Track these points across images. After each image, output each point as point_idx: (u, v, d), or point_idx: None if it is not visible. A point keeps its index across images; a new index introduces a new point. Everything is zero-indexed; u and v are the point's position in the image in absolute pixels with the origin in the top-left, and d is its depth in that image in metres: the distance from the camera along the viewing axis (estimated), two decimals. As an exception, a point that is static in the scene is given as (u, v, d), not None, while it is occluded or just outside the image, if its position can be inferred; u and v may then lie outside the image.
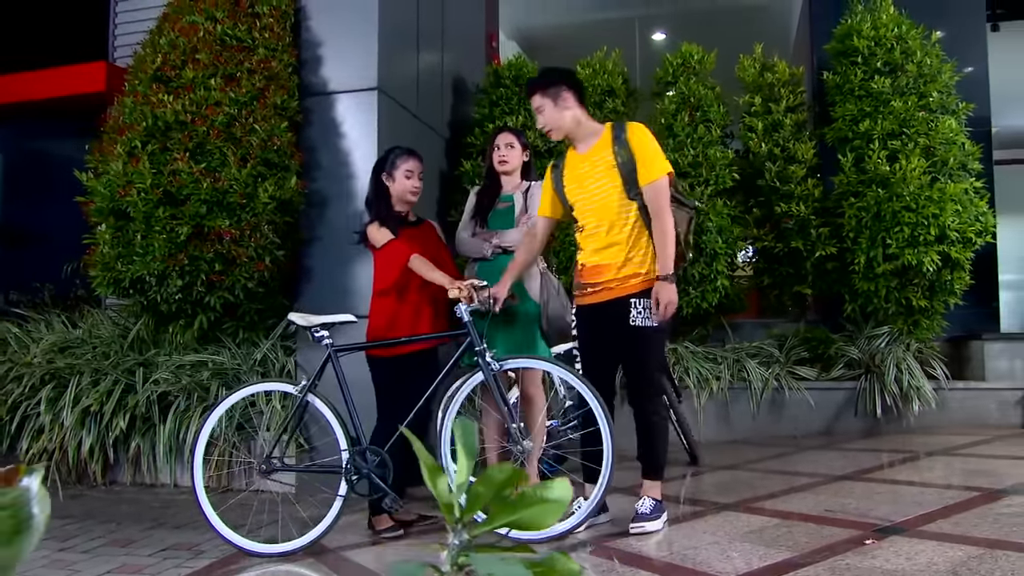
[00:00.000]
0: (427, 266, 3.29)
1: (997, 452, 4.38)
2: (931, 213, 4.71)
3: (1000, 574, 2.29)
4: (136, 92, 4.21)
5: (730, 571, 2.49)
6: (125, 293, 4.26)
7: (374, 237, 3.44)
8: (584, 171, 3.22)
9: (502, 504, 0.70)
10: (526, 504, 0.70)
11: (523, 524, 0.71)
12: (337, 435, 3.18)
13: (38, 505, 0.74)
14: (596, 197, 3.19)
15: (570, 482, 0.69)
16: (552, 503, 0.69)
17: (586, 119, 3.26)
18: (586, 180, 3.21)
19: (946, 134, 4.85)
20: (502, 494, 0.69)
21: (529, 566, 0.65)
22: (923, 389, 4.94)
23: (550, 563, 0.67)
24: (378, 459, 3.16)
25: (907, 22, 5.12)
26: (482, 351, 3.11)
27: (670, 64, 5.41)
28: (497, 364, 3.11)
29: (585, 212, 3.23)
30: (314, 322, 3.28)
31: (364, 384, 3.44)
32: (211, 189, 3.90)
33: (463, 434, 0.72)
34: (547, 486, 0.73)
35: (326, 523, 3.08)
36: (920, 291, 4.97)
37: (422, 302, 3.42)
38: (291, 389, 3.29)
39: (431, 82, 5.21)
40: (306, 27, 4.56)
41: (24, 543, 0.71)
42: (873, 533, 2.81)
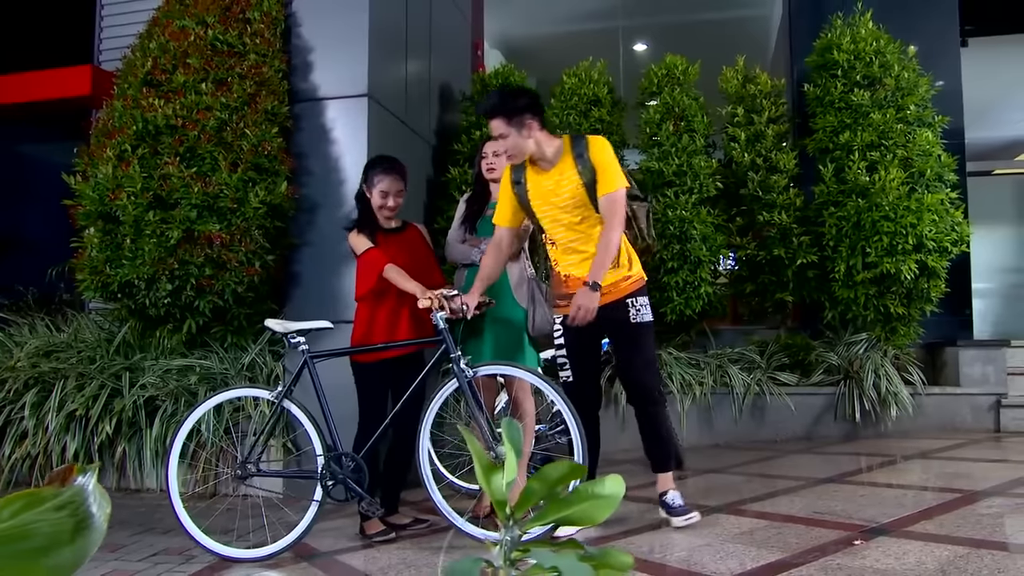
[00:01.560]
0: (401, 276, 3.30)
1: (972, 455, 4.50)
2: (909, 223, 4.83)
3: (987, 572, 2.37)
4: (126, 96, 4.20)
5: (725, 572, 2.54)
6: (113, 297, 4.24)
7: (354, 244, 3.48)
8: (549, 188, 3.24)
9: (555, 501, 0.73)
10: (579, 500, 0.73)
11: (575, 519, 0.73)
12: (313, 441, 3.19)
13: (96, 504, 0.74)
14: (565, 213, 3.23)
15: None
16: (605, 498, 0.72)
17: (546, 139, 3.24)
18: (552, 197, 3.23)
19: (923, 146, 4.98)
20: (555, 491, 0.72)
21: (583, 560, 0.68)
22: (900, 394, 5.05)
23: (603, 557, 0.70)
24: (353, 464, 3.18)
25: (885, 37, 5.25)
26: (456, 358, 3.11)
27: (655, 75, 5.49)
28: (471, 371, 3.12)
29: (556, 228, 3.27)
30: (290, 328, 3.28)
31: (341, 390, 3.46)
32: (202, 193, 3.91)
33: (510, 433, 0.76)
34: (600, 482, 0.76)
35: (301, 528, 3.10)
36: (898, 299, 5.09)
37: (401, 308, 3.43)
38: (267, 395, 3.30)
39: (419, 89, 5.25)
40: (296, 33, 4.58)
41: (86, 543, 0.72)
42: (860, 534, 2.88)
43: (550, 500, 0.72)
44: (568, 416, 2.99)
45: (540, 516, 0.74)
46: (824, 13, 5.70)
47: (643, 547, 2.92)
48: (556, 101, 5.57)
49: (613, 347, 3.38)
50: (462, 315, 3.19)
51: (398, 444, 3.44)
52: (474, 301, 3.22)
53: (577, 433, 2.96)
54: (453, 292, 3.22)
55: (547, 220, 3.27)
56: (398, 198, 3.52)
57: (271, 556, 3.08)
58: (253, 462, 3.33)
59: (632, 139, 5.66)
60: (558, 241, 3.28)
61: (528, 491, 0.71)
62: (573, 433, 2.97)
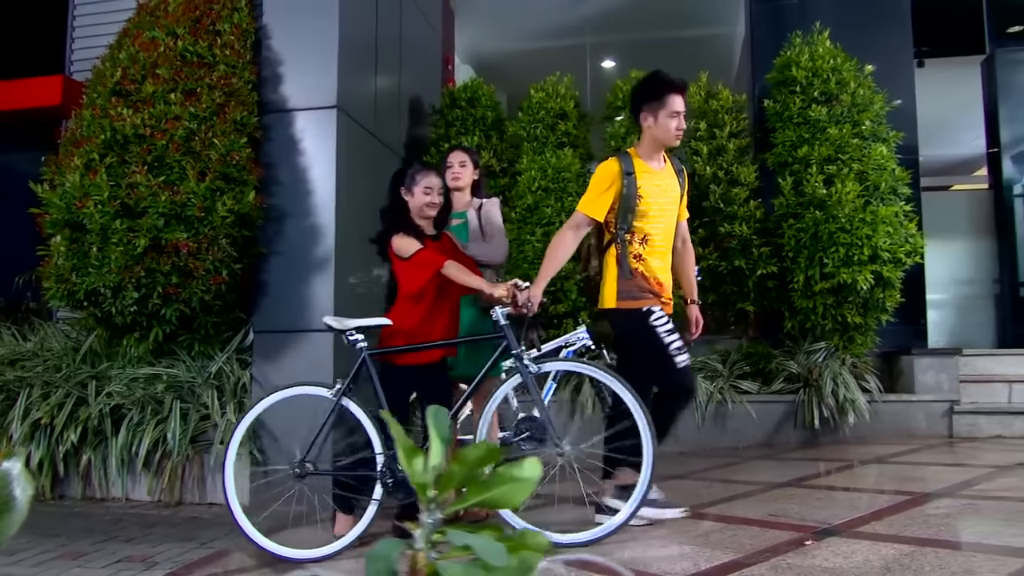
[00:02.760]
0: (462, 271, 3.31)
1: (925, 460, 4.63)
2: (864, 234, 4.98)
3: (929, 568, 2.47)
4: (95, 105, 4.22)
5: (678, 572, 2.62)
6: (79, 305, 4.24)
7: (401, 247, 3.42)
8: (660, 187, 3.36)
9: (475, 483, 0.78)
10: (499, 483, 0.78)
11: (495, 502, 0.78)
12: (372, 439, 3.18)
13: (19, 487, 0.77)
14: (667, 216, 3.37)
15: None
16: (523, 481, 0.77)
17: None
18: (662, 197, 3.36)
19: (878, 160, 5.14)
20: (475, 473, 0.77)
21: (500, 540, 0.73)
22: (857, 402, 5.18)
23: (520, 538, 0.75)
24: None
25: (842, 55, 5.42)
26: (519, 354, 3.10)
27: (620, 90, 5.62)
28: (536, 367, 3.11)
29: (657, 226, 3.36)
30: (348, 325, 3.26)
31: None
32: (169, 202, 3.93)
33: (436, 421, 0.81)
34: (518, 465, 0.81)
35: (361, 527, 3.10)
36: (855, 308, 5.23)
37: (439, 309, 3.46)
38: (325, 393, 3.27)
39: (389, 102, 5.32)
40: (267, 45, 4.62)
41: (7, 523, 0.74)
42: (812, 535, 2.97)
43: (471, 483, 0.77)
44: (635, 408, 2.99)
45: (461, 499, 0.78)
46: (784, 31, 5.87)
47: (602, 549, 2.99)
48: (524, 115, 5.67)
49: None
50: (526, 311, 3.18)
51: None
52: (539, 295, 3.23)
53: (645, 427, 2.98)
54: (525, 284, 3.21)
55: (652, 216, 3.34)
56: (440, 195, 3.54)
57: (330, 556, 3.08)
58: (311, 461, 3.29)
59: (598, 152, 5.78)
60: (653, 239, 3.35)
61: (448, 474, 0.76)
62: (641, 428, 2.99)
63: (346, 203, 4.50)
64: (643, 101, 3.39)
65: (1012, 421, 5.33)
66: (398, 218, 3.55)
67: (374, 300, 4.89)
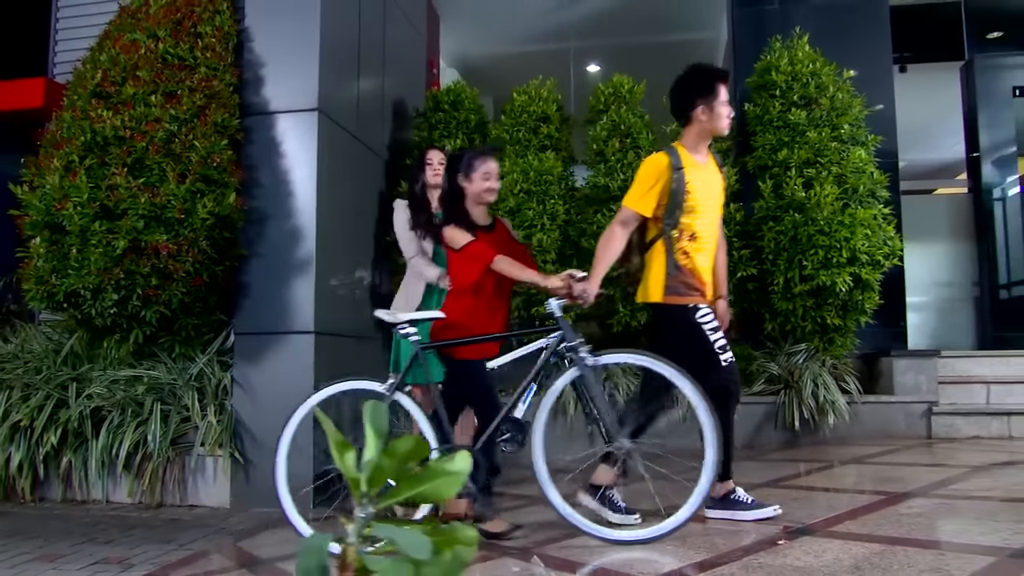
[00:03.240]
0: (514, 266, 3.24)
1: (902, 460, 4.67)
2: (843, 237, 5.02)
3: (897, 567, 2.49)
4: (75, 107, 4.23)
5: (651, 572, 2.64)
6: (59, 307, 4.24)
7: (452, 238, 3.36)
8: (707, 181, 3.35)
9: (407, 477, 0.79)
10: (430, 477, 0.79)
11: (426, 496, 0.79)
12: (427, 435, 3.14)
13: None
14: (713, 212, 3.36)
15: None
16: (454, 475, 0.79)
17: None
18: (710, 191, 3.35)
19: (856, 163, 5.19)
20: (405, 467, 0.79)
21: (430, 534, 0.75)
22: (837, 403, 5.22)
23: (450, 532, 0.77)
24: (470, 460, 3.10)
25: (821, 59, 5.48)
26: (576, 346, 3.05)
27: (602, 93, 5.65)
28: (593, 359, 3.05)
29: (701, 221, 3.32)
30: (400, 319, 3.22)
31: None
32: (149, 204, 3.94)
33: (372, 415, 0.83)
34: (449, 459, 0.83)
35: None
36: (834, 310, 5.27)
37: (497, 302, 3.42)
38: (379, 388, 3.21)
39: (371, 104, 5.34)
40: (248, 48, 4.64)
41: None
42: (786, 534, 3.00)
43: (403, 477, 0.78)
44: (697, 402, 2.98)
45: (393, 493, 0.80)
46: (765, 36, 5.92)
47: (575, 549, 3.01)
48: (506, 118, 5.70)
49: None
50: (581, 303, 3.12)
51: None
52: (594, 288, 3.17)
53: (709, 422, 2.97)
54: (581, 274, 3.13)
55: (699, 212, 3.31)
56: (498, 180, 3.49)
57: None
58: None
59: (580, 155, 5.81)
60: (701, 236, 3.33)
61: (378, 468, 0.78)
62: (705, 425, 2.97)
63: (327, 205, 4.52)
64: (697, 95, 3.34)
65: (989, 422, 5.38)
66: (452, 208, 3.47)
67: (357, 302, 4.91)
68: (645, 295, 3.38)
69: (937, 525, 3.08)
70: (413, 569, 0.69)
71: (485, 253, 3.27)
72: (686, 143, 3.41)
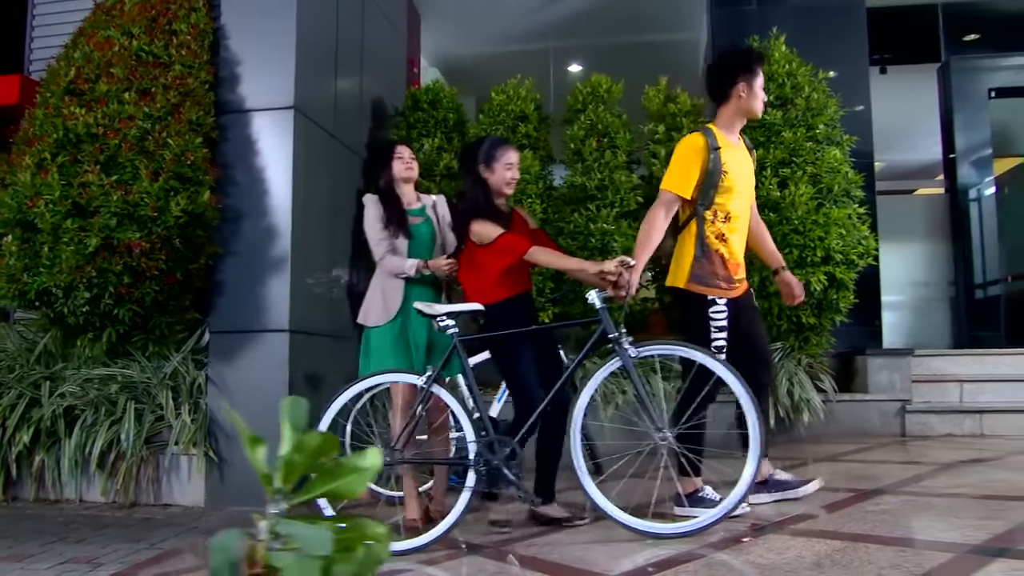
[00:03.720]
0: (552, 255, 3.28)
1: (875, 458, 4.72)
2: (817, 236, 5.06)
3: (858, 563, 2.52)
4: (48, 104, 4.21)
5: (615, 570, 2.66)
6: (31, 305, 4.22)
7: (482, 234, 3.32)
8: (743, 162, 3.37)
9: (321, 473, 0.80)
10: (343, 473, 0.80)
11: (340, 492, 0.81)
12: (464, 426, 3.14)
13: None
14: (748, 192, 3.38)
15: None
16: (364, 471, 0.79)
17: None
18: (746, 171, 3.37)
19: (831, 163, 5.22)
20: (319, 463, 0.79)
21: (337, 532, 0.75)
22: (812, 401, 5.26)
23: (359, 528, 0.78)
24: (508, 450, 3.10)
25: (797, 59, 5.51)
26: (617, 337, 3.03)
27: (580, 93, 5.67)
28: (635, 350, 3.04)
29: (737, 202, 3.33)
30: (438, 311, 3.20)
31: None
32: (121, 202, 3.92)
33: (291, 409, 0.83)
34: (360, 455, 0.83)
35: (453, 517, 3.05)
36: (809, 309, 5.31)
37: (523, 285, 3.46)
38: (416, 380, 3.22)
39: (350, 103, 5.33)
40: (225, 46, 4.62)
41: None
42: (752, 532, 3.03)
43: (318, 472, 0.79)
44: (743, 394, 2.97)
45: (307, 489, 0.81)
46: (743, 37, 5.95)
47: (539, 548, 3.02)
48: (484, 117, 5.70)
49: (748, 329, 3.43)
50: (624, 294, 3.09)
51: (551, 428, 3.30)
52: (637, 279, 3.18)
53: (752, 412, 2.96)
54: (631, 261, 3.08)
55: (737, 192, 3.33)
56: (517, 170, 3.52)
57: (423, 547, 3.04)
58: (399, 449, 3.25)
59: (559, 155, 5.83)
60: (735, 217, 3.33)
61: (289, 463, 0.78)
62: (748, 413, 2.97)
63: (303, 203, 4.51)
64: (739, 72, 3.38)
65: (962, 420, 5.44)
66: (479, 200, 3.41)
67: (334, 300, 4.90)
68: (673, 279, 3.40)
69: (901, 522, 3.12)
70: (321, 565, 0.70)
71: (519, 245, 3.25)
72: (721, 123, 3.45)
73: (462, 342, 3.24)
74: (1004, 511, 3.11)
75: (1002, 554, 2.50)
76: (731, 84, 3.38)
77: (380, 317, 3.62)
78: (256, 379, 4.32)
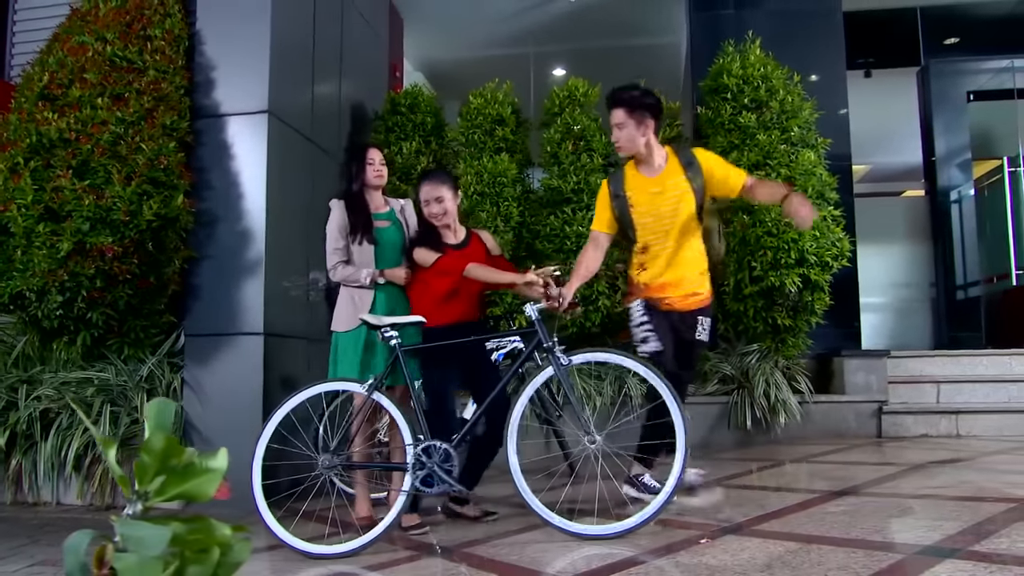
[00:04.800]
0: (487, 271, 3.51)
1: (847, 459, 4.74)
2: (790, 238, 5.09)
3: (808, 565, 2.53)
4: (22, 109, 4.24)
5: (569, 571, 2.68)
6: (6, 309, 4.25)
7: (421, 258, 3.64)
8: (655, 193, 3.44)
9: (172, 475, 0.82)
10: (193, 474, 0.83)
11: (191, 494, 0.83)
12: (402, 431, 3.23)
13: None
14: (668, 219, 3.42)
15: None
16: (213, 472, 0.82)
17: (656, 146, 3.50)
18: (657, 202, 3.43)
19: (805, 165, 5.26)
20: (169, 465, 0.82)
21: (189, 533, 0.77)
22: (789, 402, 5.29)
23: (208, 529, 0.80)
24: (443, 454, 3.21)
25: (772, 63, 5.55)
26: (551, 347, 3.18)
27: (557, 96, 5.70)
28: (568, 359, 3.18)
29: (654, 232, 3.44)
30: (384, 322, 3.35)
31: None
32: (94, 206, 3.95)
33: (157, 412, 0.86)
34: (209, 455, 0.85)
35: (388, 519, 3.11)
36: (784, 311, 5.34)
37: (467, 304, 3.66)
38: (358, 388, 3.32)
39: (327, 107, 5.36)
40: (200, 51, 4.65)
41: None
42: (710, 533, 3.04)
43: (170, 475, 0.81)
44: (670, 400, 3.08)
45: (160, 490, 0.83)
46: (720, 41, 5.99)
47: (496, 549, 3.05)
48: (462, 120, 5.74)
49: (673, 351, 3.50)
50: (557, 305, 3.28)
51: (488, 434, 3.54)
52: (570, 293, 3.33)
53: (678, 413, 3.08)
54: (555, 271, 3.32)
55: (646, 226, 3.45)
56: (439, 204, 3.65)
57: (357, 550, 3.08)
58: (341, 452, 3.35)
59: (536, 158, 5.86)
60: (651, 247, 3.45)
61: (141, 466, 0.81)
62: (673, 412, 3.08)
63: (278, 207, 4.54)
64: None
65: (938, 420, 5.47)
66: (420, 229, 3.77)
67: (309, 303, 4.93)
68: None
69: (858, 523, 3.13)
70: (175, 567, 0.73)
71: (456, 264, 3.54)
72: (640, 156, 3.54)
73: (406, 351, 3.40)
74: (962, 512, 3.13)
75: (952, 555, 2.52)
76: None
77: (349, 323, 3.63)
78: (231, 381, 4.35)
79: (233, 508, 3.50)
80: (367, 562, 3.01)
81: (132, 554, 0.74)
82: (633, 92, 3.49)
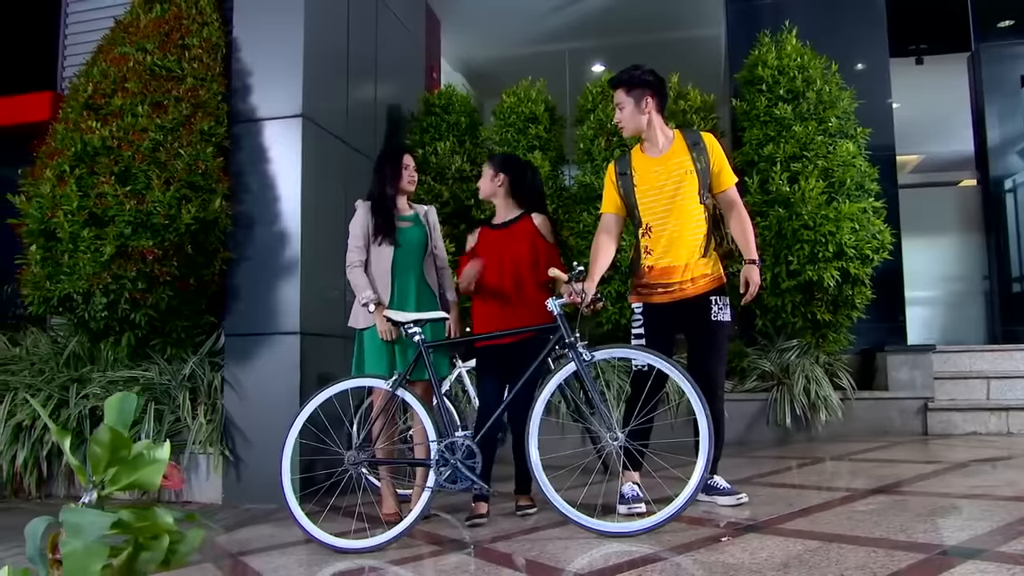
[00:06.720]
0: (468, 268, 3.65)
1: (891, 457, 4.61)
2: (828, 231, 4.97)
3: (826, 564, 2.48)
4: (68, 119, 4.43)
5: (586, 567, 2.68)
6: (55, 311, 4.45)
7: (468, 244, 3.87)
8: (658, 172, 3.42)
9: (123, 465, 0.87)
10: (142, 465, 0.87)
11: (140, 484, 0.87)
12: (426, 427, 3.25)
13: None
14: (672, 200, 3.40)
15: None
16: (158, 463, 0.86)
17: (661, 125, 3.48)
18: (661, 181, 3.42)
19: (843, 157, 5.13)
20: (119, 456, 0.86)
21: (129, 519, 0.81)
22: (830, 399, 5.18)
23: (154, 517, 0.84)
24: (467, 450, 3.22)
25: (809, 52, 5.43)
26: (572, 343, 3.16)
27: (590, 92, 5.68)
28: (590, 355, 3.15)
29: (657, 213, 3.42)
30: (408, 319, 3.39)
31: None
32: (135, 211, 4.10)
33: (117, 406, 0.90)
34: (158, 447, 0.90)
35: (413, 515, 3.14)
36: (824, 306, 5.23)
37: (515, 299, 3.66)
38: (383, 384, 3.33)
39: (363, 109, 5.45)
40: (236, 58, 4.78)
41: None
42: (733, 531, 3.00)
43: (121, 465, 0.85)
44: (693, 396, 3.04)
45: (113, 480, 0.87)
46: (757, 31, 5.88)
47: (514, 544, 3.06)
48: (496, 119, 5.77)
49: (689, 342, 3.53)
50: (581, 302, 3.24)
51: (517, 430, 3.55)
52: (591, 289, 3.32)
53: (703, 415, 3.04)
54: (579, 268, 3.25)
55: (649, 207, 3.43)
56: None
57: (382, 545, 3.11)
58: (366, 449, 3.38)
59: (570, 155, 5.85)
60: (653, 227, 3.43)
61: (92, 456, 0.85)
62: (697, 410, 3.05)
63: (313, 209, 4.64)
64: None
65: (988, 418, 5.29)
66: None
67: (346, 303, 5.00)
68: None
69: (885, 522, 3.06)
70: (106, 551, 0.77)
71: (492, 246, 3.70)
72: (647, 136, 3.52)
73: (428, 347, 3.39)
74: (997, 512, 3.03)
75: (976, 555, 2.44)
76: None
77: (368, 320, 3.68)
78: (269, 380, 4.47)
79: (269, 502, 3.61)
80: (392, 556, 3.06)
81: (78, 539, 0.78)
82: (632, 71, 3.48)
